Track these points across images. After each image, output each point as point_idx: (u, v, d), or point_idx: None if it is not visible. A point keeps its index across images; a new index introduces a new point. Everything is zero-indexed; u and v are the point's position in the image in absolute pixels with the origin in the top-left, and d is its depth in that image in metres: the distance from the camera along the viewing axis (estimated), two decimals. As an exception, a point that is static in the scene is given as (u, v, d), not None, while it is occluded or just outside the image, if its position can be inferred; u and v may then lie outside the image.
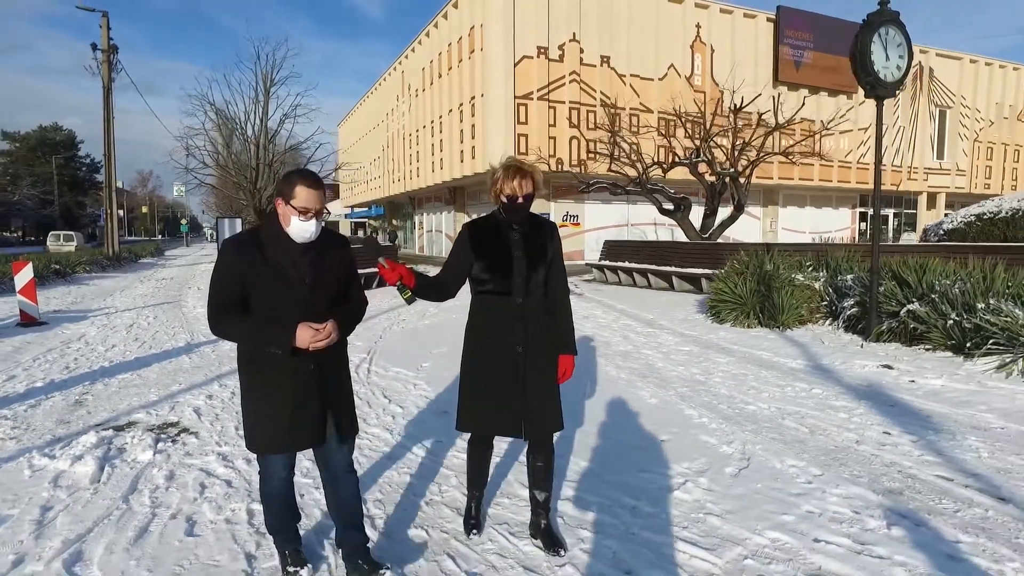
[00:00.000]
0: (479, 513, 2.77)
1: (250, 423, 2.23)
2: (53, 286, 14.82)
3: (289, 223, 2.12)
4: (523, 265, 2.45)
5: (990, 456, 3.59)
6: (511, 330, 2.45)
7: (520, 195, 2.39)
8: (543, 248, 2.51)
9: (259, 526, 2.79)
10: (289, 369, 2.13)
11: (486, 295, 2.50)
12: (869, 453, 3.67)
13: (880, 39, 6.49)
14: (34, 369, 5.99)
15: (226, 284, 2.11)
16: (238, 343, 2.19)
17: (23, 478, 3.31)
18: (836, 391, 5.02)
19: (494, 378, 2.46)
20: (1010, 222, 10.64)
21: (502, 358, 2.45)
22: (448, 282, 2.51)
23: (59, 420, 4.36)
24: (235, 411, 4.58)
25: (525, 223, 2.51)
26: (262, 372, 2.16)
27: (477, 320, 2.53)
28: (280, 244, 2.14)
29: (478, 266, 2.48)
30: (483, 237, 2.50)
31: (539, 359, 2.48)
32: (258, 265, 2.10)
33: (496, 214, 2.51)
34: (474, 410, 2.50)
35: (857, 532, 2.73)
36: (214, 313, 2.12)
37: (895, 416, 4.36)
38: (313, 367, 2.17)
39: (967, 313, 5.90)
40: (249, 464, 3.52)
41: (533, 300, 2.49)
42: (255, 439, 2.23)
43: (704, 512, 2.92)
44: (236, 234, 2.26)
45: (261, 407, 2.18)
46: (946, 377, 5.29)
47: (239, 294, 2.11)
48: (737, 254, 8.89)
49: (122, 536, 2.68)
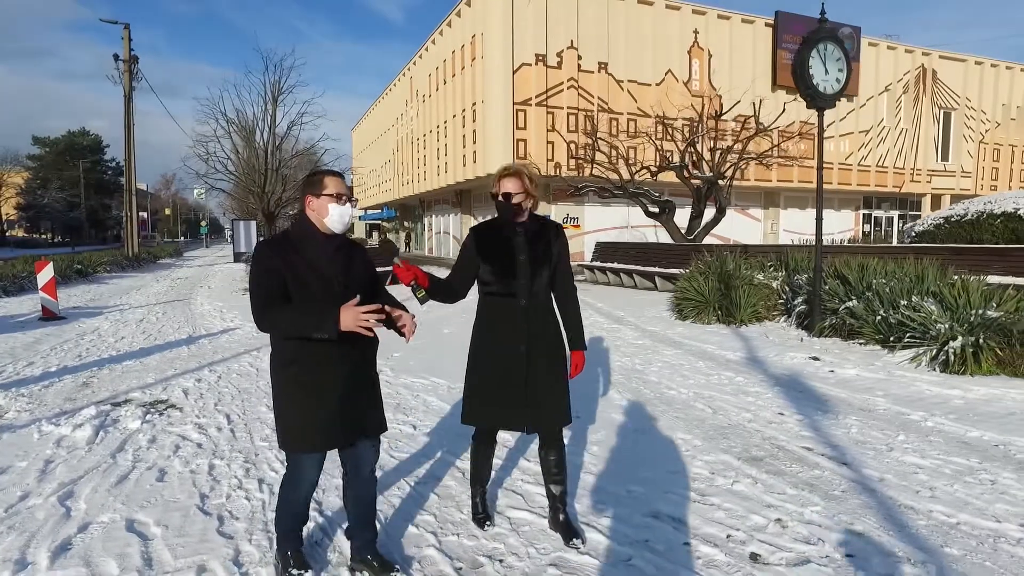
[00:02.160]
0: (486, 507, 2.83)
1: (287, 423, 2.23)
2: (75, 285, 15.78)
3: (327, 213, 2.18)
4: (527, 268, 2.51)
5: (858, 432, 4.11)
6: (515, 331, 2.52)
7: (500, 192, 2.49)
8: (547, 250, 2.56)
9: (217, 476, 3.42)
10: (330, 366, 2.19)
11: (492, 296, 2.57)
12: (754, 429, 4.20)
13: (819, 54, 6.97)
14: (50, 357, 6.73)
15: (265, 281, 2.12)
16: (286, 334, 2.18)
17: (33, 440, 3.99)
18: (757, 379, 5.55)
19: (498, 374, 2.52)
20: (975, 224, 10.98)
21: (506, 357, 2.52)
22: (457, 284, 2.58)
23: (66, 398, 5.06)
24: (218, 391, 5.24)
25: (530, 225, 2.57)
26: (303, 371, 2.18)
27: (483, 320, 2.60)
28: (313, 243, 2.19)
29: (484, 269, 2.55)
30: (488, 241, 2.57)
31: (543, 358, 2.54)
32: (295, 264, 2.14)
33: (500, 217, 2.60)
34: (478, 403, 2.58)
35: (704, 487, 3.28)
36: (259, 310, 2.12)
37: (797, 400, 4.88)
38: (351, 364, 2.23)
39: (893, 310, 6.36)
40: (219, 432, 4.17)
41: (537, 301, 2.55)
42: (293, 438, 2.23)
43: (583, 471, 3.49)
44: (268, 238, 2.34)
45: (301, 406, 2.19)
46: (862, 367, 5.78)
47: (280, 291, 2.12)
48: (701, 254, 9.39)
49: (105, 481, 3.34)
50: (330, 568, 2.50)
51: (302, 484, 2.33)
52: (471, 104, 21.78)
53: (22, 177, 59.00)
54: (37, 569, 2.47)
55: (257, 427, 4.27)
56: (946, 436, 4.00)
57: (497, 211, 2.56)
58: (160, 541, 2.70)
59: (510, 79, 19.85)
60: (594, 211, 22.69)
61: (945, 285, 6.25)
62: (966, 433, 4.04)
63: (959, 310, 5.82)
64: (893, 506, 3.02)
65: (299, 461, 2.28)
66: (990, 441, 3.89)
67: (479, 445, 2.74)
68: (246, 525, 2.85)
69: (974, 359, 5.45)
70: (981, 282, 6.18)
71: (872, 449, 3.79)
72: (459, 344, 2.24)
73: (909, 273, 6.99)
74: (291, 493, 2.35)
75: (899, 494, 3.14)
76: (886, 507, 3.01)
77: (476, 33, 20.91)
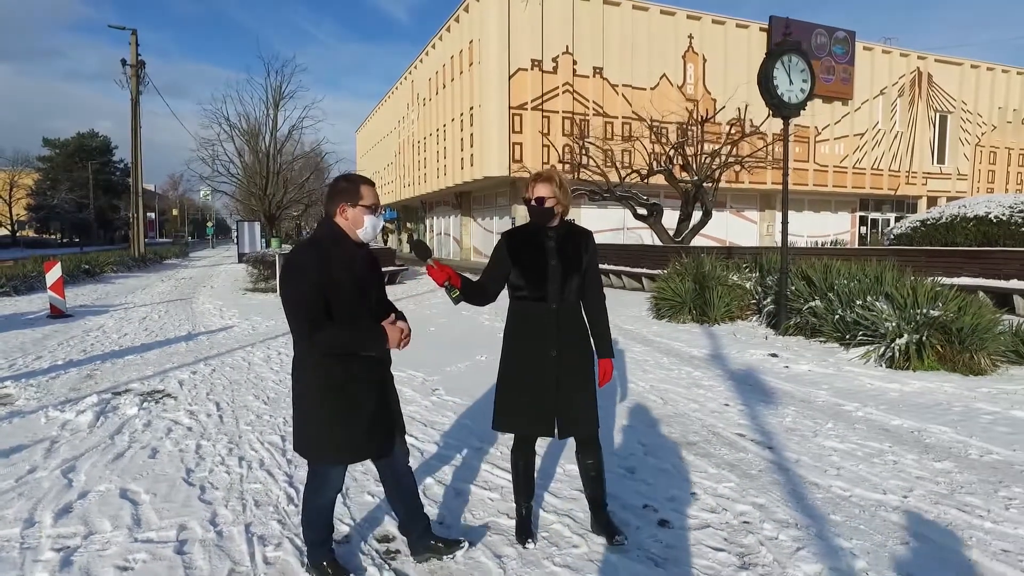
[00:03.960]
0: (529, 524, 2.78)
1: (320, 436, 2.25)
2: (83, 284, 16.29)
3: (363, 224, 2.23)
4: (558, 272, 2.54)
5: (791, 421, 4.47)
6: (546, 335, 2.53)
7: (533, 197, 2.54)
8: (578, 256, 2.59)
9: (203, 454, 3.82)
10: (367, 382, 2.26)
11: (522, 300, 2.59)
12: (697, 418, 4.58)
13: (783, 66, 7.34)
14: (57, 351, 7.17)
15: (315, 297, 2.12)
16: (335, 352, 2.20)
17: (40, 424, 4.41)
18: (713, 374, 5.91)
19: (528, 380, 2.54)
20: (949, 227, 11.28)
21: (537, 362, 2.54)
22: (488, 287, 2.61)
23: (71, 388, 5.49)
24: (211, 383, 5.65)
25: (560, 231, 2.61)
26: (344, 387, 2.21)
27: (514, 325, 2.62)
28: (344, 248, 2.22)
29: (515, 273, 2.57)
30: (519, 245, 2.59)
31: (573, 363, 2.57)
32: (332, 272, 2.15)
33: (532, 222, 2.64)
34: (508, 410, 2.60)
35: (635, 465, 3.65)
36: (311, 329, 2.12)
37: (745, 392, 5.25)
38: (382, 376, 2.32)
39: (850, 309, 6.72)
40: (208, 417, 4.58)
41: (568, 306, 2.57)
42: (322, 450, 2.26)
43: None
44: (299, 247, 2.30)
45: (342, 420, 2.22)
46: (815, 363, 6.14)
47: (324, 304, 2.13)
48: (679, 256, 9.76)
49: (103, 458, 3.75)
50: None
51: (329, 493, 2.35)
52: (468, 108, 22.21)
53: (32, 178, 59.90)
54: (42, 527, 2.88)
55: (243, 413, 4.68)
56: (870, 424, 4.37)
57: (529, 215, 2.60)
58: (148, 506, 3.11)
59: (506, 84, 20.27)
60: (590, 213, 23.04)
61: (900, 286, 6.59)
62: (889, 421, 4.41)
63: (907, 309, 6.17)
64: (800, 483, 3.39)
65: (328, 472, 2.31)
66: (908, 428, 4.25)
67: (517, 455, 2.71)
68: (224, 494, 3.25)
69: (917, 355, 5.80)
70: (927, 284, 6.52)
71: (799, 435, 4.16)
72: (442, 342, 2.37)
73: (870, 275, 7.33)
74: (316, 500, 2.36)
75: (809, 473, 3.51)
76: (793, 483, 3.38)
77: (473, 39, 21.34)
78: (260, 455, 3.81)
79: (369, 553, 2.68)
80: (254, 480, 3.42)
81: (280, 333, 8.39)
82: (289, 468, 3.54)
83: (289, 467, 3.58)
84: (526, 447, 2.69)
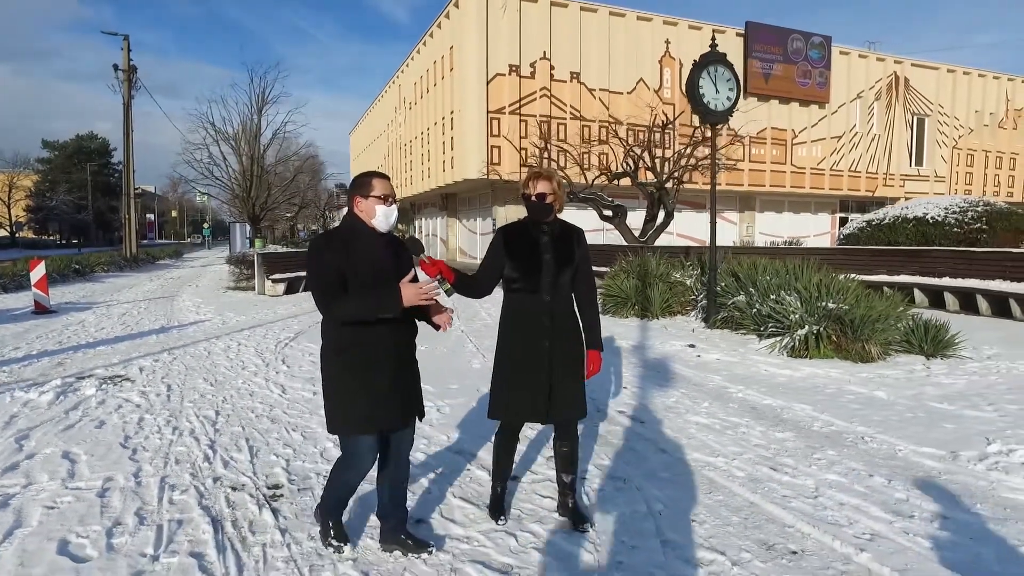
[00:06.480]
0: (503, 502, 2.96)
1: (345, 407, 2.34)
2: (72, 283, 16.84)
3: (375, 214, 2.35)
4: (551, 266, 2.66)
5: (674, 401, 5.00)
6: (539, 325, 2.66)
7: (534, 193, 2.69)
8: (570, 251, 2.73)
9: (143, 425, 4.36)
10: (382, 349, 2.34)
11: (517, 293, 2.72)
12: (592, 399, 5.09)
13: (709, 75, 7.88)
14: (35, 343, 7.72)
15: (325, 272, 2.26)
16: (351, 318, 2.30)
17: (5, 403, 4.95)
18: (629, 362, 6.45)
19: (522, 370, 2.67)
20: (892, 227, 11.83)
21: (530, 351, 2.66)
22: (483, 280, 2.72)
23: (40, 373, 6.04)
24: (169, 369, 6.20)
25: (554, 227, 2.75)
26: (360, 354, 2.31)
27: (508, 316, 2.75)
28: (363, 238, 2.35)
29: (510, 266, 2.69)
30: (515, 240, 2.73)
31: (565, 353, 2.69)
32: (351, 257, 2.29)
33: (527, 218, 2.77)
34: (504, 399, 2.73)
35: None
36: (324, 299, 2.25)
37: (648, 378, 5.78)
38: (400, 347, 2.42)
39: (765, 303, 7.25)
40: (157, 396, 5.13)
41: (560, 298, 2.70)
42: (350, 420, 2.34)
43: (429, 426, 4.40)
44: (321, 235, 2.50)
45: (358, 389, 2.32)
46: (725, 353, 6.68)
47: (339, 281, 2.26)
48: (625, 255, 10.31)
49: (55, 428, 4.30)
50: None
51: (363, 465, 2.42)
52: (449, 112, 22.78)
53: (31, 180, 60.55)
54: (-10, 480, 3.43)
55: (189, 393, 5.23)
56: (742, 403, 4.90)
57: (528, 211, 2.73)
58: (84, 464, 3.65)
59: (484, 89, 20.82)
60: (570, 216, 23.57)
61: (807, 282, 7.13)
62: (760, 401, 4.94)
63: (811, 303, 6.71)
64: (649, 450, 3.92)
65: (357, 446, 2.38)
66: (774, 407, 4.79)
67: (503, 440, 2.85)
68: (151, 455, 3.79)
69: (815, 344, 6.35)
70: (838, 279, 7.06)
71: (674, 413, 4.69)
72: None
73: (791, 271, 7.87)
74: (343, 475, 2.47)
75: (664, 442, 4.05)
76: (642, 451, 3.91)
77: (453, 45, 21.91)
78: (192, 425, 4.35)
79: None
80: (181, 445, 3.97)
81: (246, 327, 8.94)
82: (213, 435, 4.09)
83: (215, 434, 4.13)
84: (511, 432, 2.85)
